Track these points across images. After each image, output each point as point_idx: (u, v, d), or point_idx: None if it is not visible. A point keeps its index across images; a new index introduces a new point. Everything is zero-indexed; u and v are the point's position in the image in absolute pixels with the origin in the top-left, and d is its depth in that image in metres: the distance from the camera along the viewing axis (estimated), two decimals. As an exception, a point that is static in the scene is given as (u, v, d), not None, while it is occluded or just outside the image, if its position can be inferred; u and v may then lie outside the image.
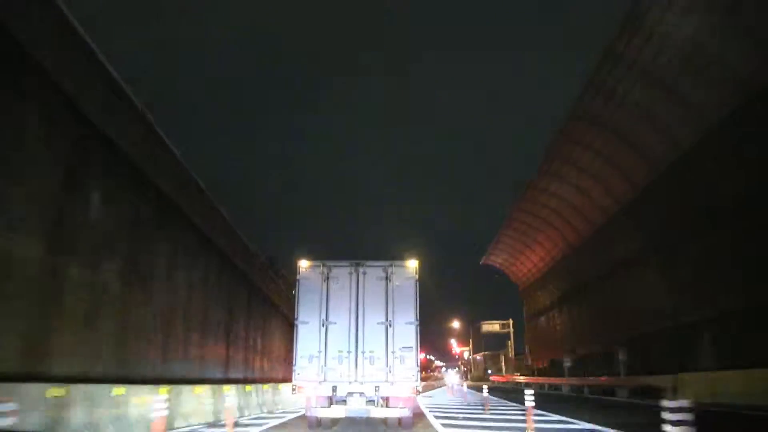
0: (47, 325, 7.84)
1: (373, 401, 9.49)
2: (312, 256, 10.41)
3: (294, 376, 9.65)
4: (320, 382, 9.50)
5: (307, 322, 9.88)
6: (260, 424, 10.82)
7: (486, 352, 72.11)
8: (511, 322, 61.38)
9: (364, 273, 10.13)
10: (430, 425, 10.76)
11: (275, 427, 10.59)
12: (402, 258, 10.33)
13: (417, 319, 9.87)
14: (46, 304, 7.86)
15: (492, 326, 63.45)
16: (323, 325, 9.83)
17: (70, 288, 8.42)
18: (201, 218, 15.16)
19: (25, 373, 6.88)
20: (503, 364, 63.56)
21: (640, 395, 19.51)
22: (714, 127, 17.17)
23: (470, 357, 78.06)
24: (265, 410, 14.35)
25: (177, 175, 13.45)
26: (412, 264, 10.19)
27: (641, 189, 23.06)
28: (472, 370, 74.89)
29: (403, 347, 9.69)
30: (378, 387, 9.40)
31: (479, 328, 65.14)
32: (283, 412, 14.43)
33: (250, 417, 12.58)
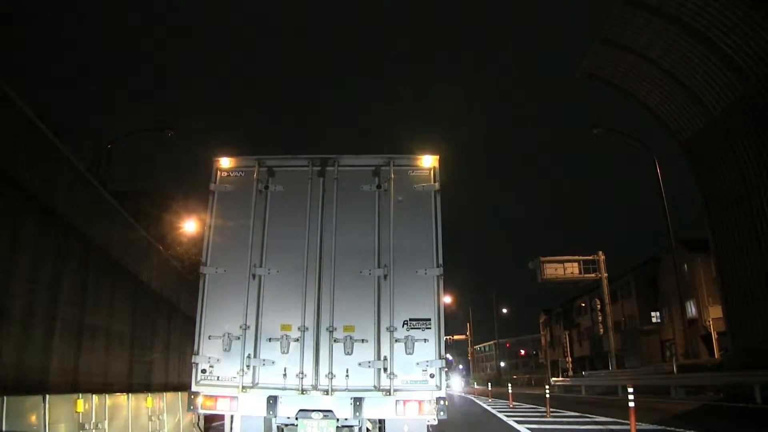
0: None
1: (351, 430, 4.71)
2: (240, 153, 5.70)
3: (193, 379, 4.87)
4: (245, 389, 4.73)
5: (223, 272, 5.12)
6: None
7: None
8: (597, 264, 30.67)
9: (336, 179, 5.36)
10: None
11: None
12: (408, 152, 5.54)
13: (440, 264, 5.05)
14: None
15: (566, 268, 32.24)
16: (255, 277, 5.06)
17: None
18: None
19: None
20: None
21: None
22: None
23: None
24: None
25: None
26: (428, 161, 5.39)
27: None
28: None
29: (414, 320, 4.88)
30: (361, 401, 4.60)
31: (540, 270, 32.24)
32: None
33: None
